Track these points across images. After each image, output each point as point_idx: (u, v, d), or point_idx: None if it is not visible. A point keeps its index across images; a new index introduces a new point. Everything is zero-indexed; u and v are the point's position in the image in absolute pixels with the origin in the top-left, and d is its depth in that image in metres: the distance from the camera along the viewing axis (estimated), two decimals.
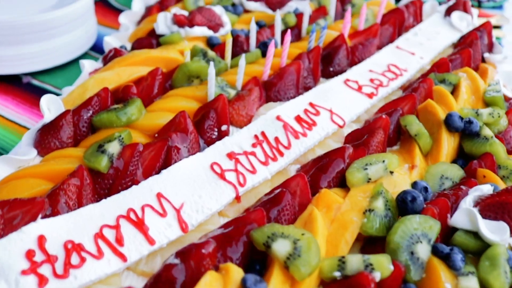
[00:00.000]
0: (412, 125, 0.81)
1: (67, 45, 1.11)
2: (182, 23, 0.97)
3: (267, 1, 1.10)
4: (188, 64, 0.85)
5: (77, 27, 1.11)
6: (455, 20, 1.18)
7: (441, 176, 0.76)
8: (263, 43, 0.97)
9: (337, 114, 0.84)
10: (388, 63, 1.01)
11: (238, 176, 0.70)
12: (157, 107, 0.80)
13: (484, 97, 0.91)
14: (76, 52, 1.14)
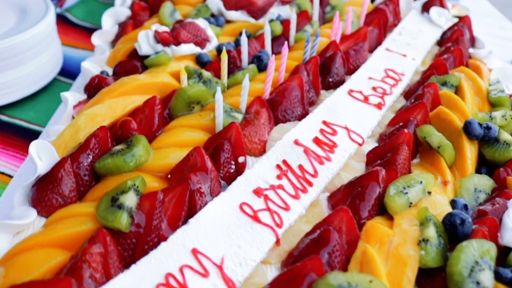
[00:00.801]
0: (432, 137, 0.77)
1: (33, 73, 0.99)
2: (167, 41, 0.87)
3: (248, 10, 1.03)
4: (187, 90, 0.76)
5: (41, 51, 0.99)
6: (434, 16, 1.16)
7: (474, 189, 0.73)
8: (257, 57, 0.90)
9: (353, 131, 0.79)
10: (384, 68, 0.97)
11: (273, 215, 0.64)
12: (163, 143, 0.71)
13: (490, 97, 0.89)
14: (44, 80, 1.02)
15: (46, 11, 1.01)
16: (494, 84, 0.92)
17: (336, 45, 0.95)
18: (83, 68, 0.86)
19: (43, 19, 0.97)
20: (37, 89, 1.01)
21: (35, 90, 1.01)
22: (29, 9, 1.03)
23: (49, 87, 1.06)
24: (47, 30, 0.99)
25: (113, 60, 0.93)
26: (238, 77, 0.85)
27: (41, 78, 1.02)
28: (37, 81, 1.01)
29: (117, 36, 0.99)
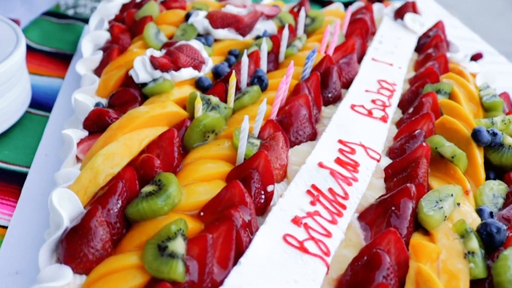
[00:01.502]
0: (443, 147, 0.79)
1: (6, 109, 0.91)
2: (167, 67, 0.84)
3: (236, 27, 1.00)
4: (202, 119, 0.73)
5: (13, 85, 0.92)
6: (409, 22, 1.20)
7: (493, 195, 0.75)
8: (258, 77, 0.88)
9: (369, 148, 0.80)
10: (376, 79, 0.99)
11: (318, 244, 0.62)
12: (189, 179, 0.67)
13: (483, 102, 0.93)
14: (16, 114, 0.94)
15: (17, 43, 0.93)
16: (485, 89, 0.96)
17: (331, 59, 0.95)
18: (77, 101, 0.81)
19: (15, 52, 0.90)
20: (9, 125, 0.94)
21: (8, 127, 0.94)
22: None
23: (20, 121, 0.99)
24: (18, 63, 0.92)
25: (104, 90, 0.87)
26: (244, 100, 0.83)
27: (14, 113, 0.95)
28: (9, 118, 0.94)
29: (102, 63, 0.93)
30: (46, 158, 0.88)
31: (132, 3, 1.12)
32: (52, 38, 1.33)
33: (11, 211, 0.79)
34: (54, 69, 1.18)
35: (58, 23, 1.41)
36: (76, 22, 1.41)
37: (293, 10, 1.19)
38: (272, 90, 0.90)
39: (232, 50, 0.98)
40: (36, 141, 0.95)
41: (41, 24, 1.39)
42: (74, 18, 1.44)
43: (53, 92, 1.09)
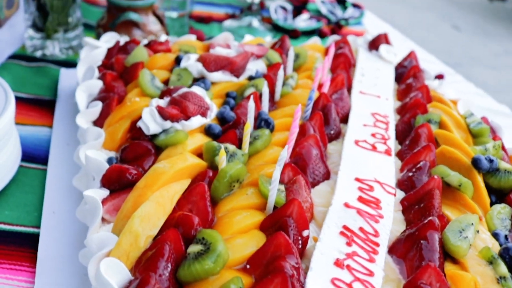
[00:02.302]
0: (449, 177, 0.84)
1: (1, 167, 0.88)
2: (177, 117, 0.84)
3: (229, 69, 1.02)
4: (228, 170, 0.74)
5: (4, 145, 0.89)
6: (384, 53, 1.26)
7: (502, 218, 0.81)
8: (264, 120, 0.90)
9: (384, 183, 0.83)
10: (370, 112, 1.03)
11: (365, 284, 0.65)
12: (227, 232, 0.68)
13: (471, 130, 1.00)
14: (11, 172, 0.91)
15: (6, 100, 0.90)
16: (470, 116, 1.03)
17: (327, 97, 0.98)
18: (89, 158, 0.79)
19: (5, 111, 0.87)
20: (5, 183, 0.90)
21: (3, 186, 0.90)
22: None
23: (14, 177, 0.95)
24: (9, 122, 0.89)
25: (112, 143, 0.86)
26: (258, 145, 0.85)
27: (9, 171, 0.92)
28: (5, 175, 0.90)
29: (102, 113, 0.92)
30: (54, 216, 0.85)
31: (116, 47, 1.11)
32: (26, 83, 1.28)
33: (29, 277, 0.75)
34: (36, 117, 1.14)
35: (29, 67, 1.36)
36: (47, 65, 1.38)
37: (275, 47, 1.22)
38: (277, 131, 0.91)
39: (230, 92, 0.99)
40: (36, 197, 0.92)
41: (10, 69, 1.34)
42: (44, 60, 1.40)
43: (42, 142, 1.06)
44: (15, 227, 0.84)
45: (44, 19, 1.42)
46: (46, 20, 1.42)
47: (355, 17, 2.00)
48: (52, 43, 1.45)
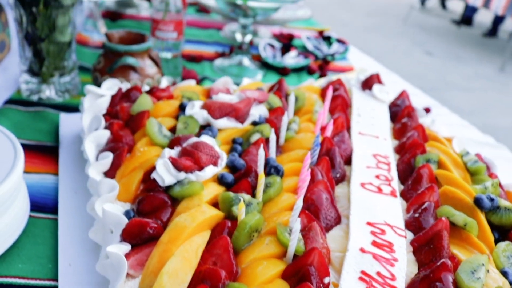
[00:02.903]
0: (454, 217, 0.88)
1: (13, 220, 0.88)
2: (191, 168, 0.86)
3: (234, 115, 1.05)
4: (248, 221, 0.76)
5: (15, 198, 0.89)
6: (377, 93, 1.31)
7: (508, 256, 0.84)
8: (274, 167, 0.93)
9: (394, 226, 0.86)
10: (371, 153, 1.07)
11: None
12: (253, 284, 0.69)
13: (469, 168, 1.04)
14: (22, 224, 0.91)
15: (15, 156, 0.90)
16: (466, 155, 1.07)
17: (331, 141, 1.02)
18: (106, 212, 0.80)
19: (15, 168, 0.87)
20: (17, 237, 0.90)
21: (16, 239, 0.90)
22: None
23: (24, 229, 0.95)
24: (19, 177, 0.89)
25: (126, 194, 0.87)
26: (271, 193, 0.87)
27: (19, 223, 0.92)
28: (16, 229, 0.90)
29: (113, 166, 0.93)
30: (71, 269, 0.85)
31: (119, 95, 1.12)
32: (25, 129, 1.29)
33: None
34: (40, 164, 1.14)
35: (27, 112, 1.37)
36: (45, 109, 1.38)
37: (273, 89, 1.25)
38: (286, 176, 0.94)
39: (236, 139, 1.02)
40: (48, 248, 0.91)
41: (8, 114, 1.34)
42: (41, 104, 1.41)
43: (48, 191, 1.06)
44: (31, 281, 0.83)
45: (41, 64, 1.43)
46: (43, 65, 1.43)
47: (340, 52, 2.06)
48: (48, 87, 1.46)
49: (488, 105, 5.79)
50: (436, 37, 8.33)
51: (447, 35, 8.56)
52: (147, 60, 1.43)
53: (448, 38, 8.35)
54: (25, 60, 1.45)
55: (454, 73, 6.68)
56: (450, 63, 7.10)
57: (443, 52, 7.56)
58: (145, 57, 1.43)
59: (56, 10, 1.37)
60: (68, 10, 1.40)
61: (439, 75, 6.51)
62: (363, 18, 8.88)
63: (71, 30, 1.44)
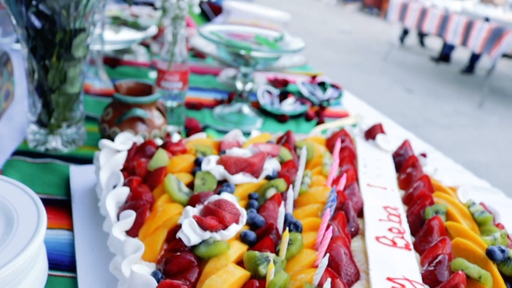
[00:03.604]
0: (469, 269, 0.91)
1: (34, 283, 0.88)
2: (216, 227, 0.88)
3: (249, 170, 1.08)
4: (277, 282, 0.78)
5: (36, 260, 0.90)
6: (381, 143, 1.35)
7: None
8: (293, 224, 0.95)
9: (413, 280, 0.89)
10: (381, 205, 1.10)
11: None
12: None
13: (476, 218, 1.08)
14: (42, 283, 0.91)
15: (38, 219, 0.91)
16: (472, 205, 1.12)
17: (344, 195, 1.05)
18: (134, 274, 0.81)
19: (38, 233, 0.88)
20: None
21: None
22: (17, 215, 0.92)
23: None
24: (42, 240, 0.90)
25: (151, 254, 0.88)
26: (293, 251, 0.89)
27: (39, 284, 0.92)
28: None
29: (136, 224, 0.95)
30: None
31: (134, 149, 1.15)
32: (35, 181, 1.29)
33: None
34: (53, 219, 1.15)
35: (35, 163, 1.38)
36: (53, 161, 1.39)
37: (281, 141, 1.29)
38: (304, 232, 0.97)
39: (252, 194, 1.05)
40: None
41: (16, 166, 1.35)
42: (48, 155, 1.42)
43: (63, 247, 1.06)
44: None
45: (49, 116, 1.45)
46: (51, 116, 1.45)
47: (335, 97, 2.12)
48: (55, 137, 1.47)
49: (468, 141, 5.94)
50: (416, 74, 8.57)
51: (426, 72, 8.82)
52: (154, 111, 1.46)
53: (427, 75, 8.60)
54: (34, 111, 1.46)
55: (433, 110, 6.86)
56: (430, 100, 7.29)
57: (423, 89, 7.78)
58: (152, 108, 1.46)
59: (68, 62, 1.40)
60: (79, 62, 1.43)
61: (419, 112, 6.68)
62: (345, 56, 9.11)
63: (81, 82, 1.47)
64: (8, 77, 1.71)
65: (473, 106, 7.24)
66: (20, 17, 1.35)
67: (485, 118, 6.86)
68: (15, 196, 0.98)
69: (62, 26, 1.35)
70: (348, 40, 10.49)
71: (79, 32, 1.39)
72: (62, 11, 1.33)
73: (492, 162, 5.45)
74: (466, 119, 6.69)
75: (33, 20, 1.35)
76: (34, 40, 1.38)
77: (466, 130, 6.30)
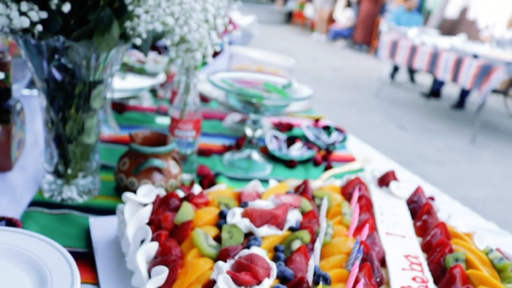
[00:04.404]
0: None
1: None
2: (251, 283, 0.89)
3: (274, 223, 1.10)
4: None
5: None
6: (395, 190, 1.39)
7: None
8: (322, 276, 0.97)
9: None
10: (402, 254, 1.13)
11: None
12: None
13: (496, 265, 1.11)
14: None
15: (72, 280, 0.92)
16: (490, 252, 1.14)
17: (367, 245, 1.07)
18: None
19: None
20: None
21: None
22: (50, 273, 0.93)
23: None
24: None
25: None
26: None
27: None
28: None
29: (168, 280, 0.96)
30: None
31: (157, 201, 1.17)
32: (54, 233, 1.30)
33: None
34: None
35: (52, 214, 1.39)
36: (71, 212, 1.41)
37: (299, 190, 1.32)
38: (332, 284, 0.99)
39: (278, 246, 1.07)
40: None
41: (34, 218, 1.35)
42: (64, 206, 1.43)
43: None
44: None
45: (66, 166, 1.47)
46: (68, 167, 1.47)
47: (340, 141, 2.17)
48: (70, 188, 1.49)
49: (462, 177, 6.01)
50: (408, 111, 8.71)
51: (417, 108, 8.97)
52: (170, 160, 1.49)
53: (419, 111, 8.74)
54: (50, 161, 1.48)
55: (427, 146, 6.96)
56: (422, 136, 7.40)
57: (415, 125, 7.89)
58: (168, 158, 1.49)
59: (86, 113, 1.43)
60: (95, 113, 1.47)
61: (412, 149, 6.76)
62: (336, 93, 9.26)
63: (97, 132, 1.49)
64: (21, 126, 1.74)
65: (465, 142, 7.35)
66: (41, 71, 1.39)
67: (478, 153, 6.96)
68: (45, 252, 1.00)
69: (82, 78, 1.39)
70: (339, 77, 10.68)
71: (98, 84, 1.43)
72: (83, 63, 1.37)
73: (488, 197, 5.51)
74: (459, 155, 6.78)
75: (54, 73, 1.39)
76: (53, 92, 1.42)
77: (460, 166, 6.38)
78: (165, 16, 1.30)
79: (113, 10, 1.30)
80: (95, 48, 1.32)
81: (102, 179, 1.62)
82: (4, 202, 1.45)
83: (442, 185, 5.50)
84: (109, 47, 1.30)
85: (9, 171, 1.63)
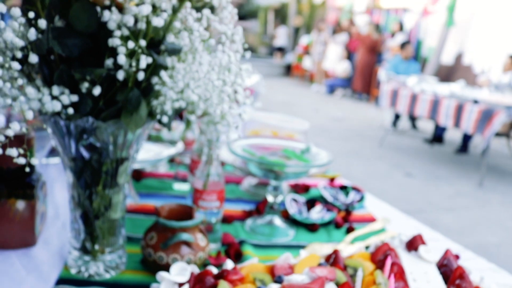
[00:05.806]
0: None
1: None
2: None
3: None
4: None
5: None
6: (424, 254, 1.39)
7: None
8: None
9: None
10: None
11: None
12: None
13: None
14: None
15: None
16: None
17: None
18: None
19: None
20: None
21: None
22: None
23: None
24: None
25: None
26: None
27: None
28: None
29: None
30: None
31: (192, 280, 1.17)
32: None
33: None
34: None
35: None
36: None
37: (329, 260, 1.32)
38: None
39: None
40: None
41: None
42: (94, 283, 1.43)
43: None
44: None
45: (93, 242, 1.48)
46: (95, 243, 1.48)
47: (357, 200, 2.17)
48: (96, 263, 1.49)
49: (474, 222, 5.96)
50: (413, 158, 8.74)
51: (422, 154, 9.00)
52: (197, 233, 1.50)
53: (424, 158, 8.77)
54: (77, 237, 1.49)
55: (436, 193, 6.94)
56: (430, 183, 7.39)
57: (422, 172, 7.90)
58: (196, 231, 1.49)
59: (112, 189, 1.45)
60: (122, 188, 1.49)
61: (421, 196, 6.74)
62: (340, 143, 9.32)
63: (123, 206, 1.51)
64: (43, 200, 1.76)
65: (473, 186, 7.33)
66: (69, 150, 1.42)
67: (487, 197, 6.93)
68: None
69: (109, 156, 1.42)
70: (341, 127, 10.79)
71: (124, 160, 1.46)
72: (110, 141, 1.40)
73: (502, 242, 5.44)
74: (468, 200, 6.75)
75: (82, 151, 1.42)
76: (81, 170, 1.44)
77: (471, 211, 6.35)
78: (192, 94, 1.35)
79: (141, 90, 1.34)
80: (123, 127, 1.36)
81: (127, 252, 1.62)
82: (32, 280, 1.45)
83: (454, 232, 5.45)
84: (137, 126, 1.33)
85: (33, 246, 1.64)
